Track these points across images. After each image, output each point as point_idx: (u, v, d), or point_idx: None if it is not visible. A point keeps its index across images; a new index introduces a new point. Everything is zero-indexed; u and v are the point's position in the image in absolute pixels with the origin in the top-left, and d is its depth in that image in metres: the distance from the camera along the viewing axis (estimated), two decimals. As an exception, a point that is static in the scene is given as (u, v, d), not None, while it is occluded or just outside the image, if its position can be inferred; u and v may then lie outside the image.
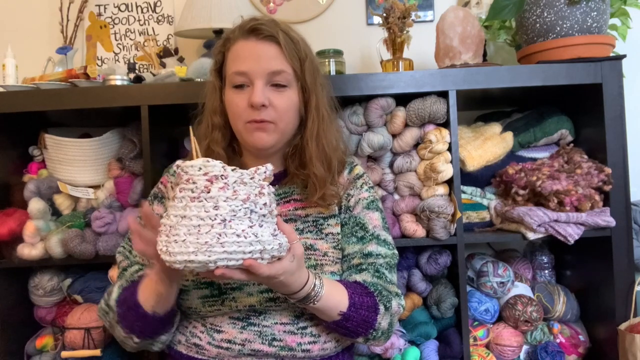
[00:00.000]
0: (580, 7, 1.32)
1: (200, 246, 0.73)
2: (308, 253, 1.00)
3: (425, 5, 1.78)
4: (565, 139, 1.47)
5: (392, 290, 1.01)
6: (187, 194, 0.75)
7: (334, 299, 0.92)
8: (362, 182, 1.09)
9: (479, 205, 1.44)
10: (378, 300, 0.96)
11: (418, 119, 1.36)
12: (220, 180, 0.75)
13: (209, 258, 0.73)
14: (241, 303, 0.96)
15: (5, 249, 1.40)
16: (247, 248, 0.75)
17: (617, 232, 1.31)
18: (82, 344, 1.38)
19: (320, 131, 1.03)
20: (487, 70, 1.33)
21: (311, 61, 1.02)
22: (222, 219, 0.74)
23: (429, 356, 1.34)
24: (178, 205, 0.76)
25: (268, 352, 0.95)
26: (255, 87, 0.96)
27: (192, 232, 0.74)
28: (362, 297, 0.95)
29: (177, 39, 1.78)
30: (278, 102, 0.98)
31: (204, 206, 0.74)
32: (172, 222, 0.75)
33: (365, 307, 0.94)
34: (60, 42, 1.76)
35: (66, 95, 1.33)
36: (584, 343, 1.43)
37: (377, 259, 1.02)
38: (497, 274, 1.42)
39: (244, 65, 0.97)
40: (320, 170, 1.01)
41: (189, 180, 0.76)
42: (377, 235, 1.04)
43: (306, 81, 1.01)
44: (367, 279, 0.99)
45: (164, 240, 0.76)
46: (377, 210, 1.08)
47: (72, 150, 1.44)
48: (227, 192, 0.75)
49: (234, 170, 0.77)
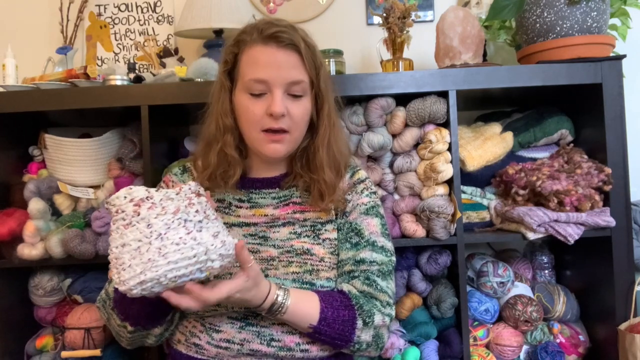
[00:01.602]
0: (580, 7, 1.32)
1: (145, 265, 0.75)
2: (305, 258, 0.99)
3: (425, 5, 1.78)
4: (565, 139, 1.47)
5: (382, 299, 0.99)
6: (120, 223, 0.78)
7: (302, 311, 0.93)
8: (362, 187, 1.08)
9: (479, 205, 1.44)
10: (358, 314, 0.95)
11: (418, 119, 1.36)
12: (146, 201, 0.78)
13: (157, 273, 0.75)
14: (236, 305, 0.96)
15: (5, 249, 1.39)
16: (189, 252, 0.77)
17: (617, 232, 1.31)
18: (82, 344, 1.38)
19: (331, 138, 1.03)
20: (487, 70, 1.33)
21: (325, 69, 1.03)
22: (157, 234, 0.76)
23: (429, 356, 1.34)
24: (116, 237, 0.79)
25: (267, 352, 0.95)
26: (275, 97, 0.95)
27: (135, 256, 0.76)
28: (337, 311, 0.94)
29: (177, 39, 1.78)
30: (295, 111, 0.98)
31: (137, 228, 0.77)
32: (116, 253, 0.78)
33: (339, 321, 0.94)
34: (60, 42, 1.76)
35: (66, 95, 1.33)
36: (584, 343, 1.43)
37: (371, 266, 1.00)
38: (497, 274, 1.42)
39: (264, 73, 0.95)
40: (330, 177, 1.01)
41: (117, 211, 0.79)
42: (372, 242, 1.02)
43: (320, 89, 1.01)
44: (355, 288, 0.98)
45: (115, 273, 0.78)
46: (377, 217, 1.06)
47: (72, 150, 1.44)
48: (156, 209, 0.78)
49: (158, 191, 0.80)
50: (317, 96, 1.02)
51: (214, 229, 0.82)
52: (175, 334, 1.02)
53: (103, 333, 1.40)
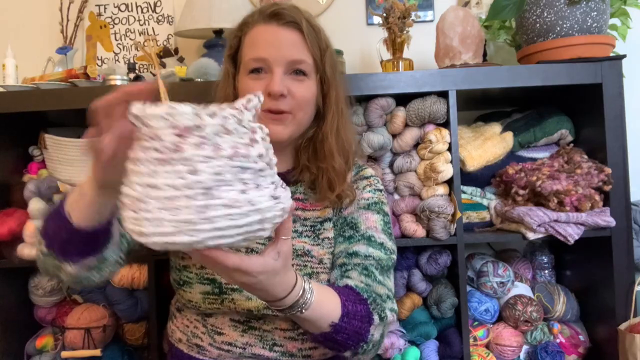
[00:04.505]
0: (580, 7, 1.32)
1: (179, 225, 0.54)
2: (304, 260, 0.96)
3: (425, 5, 1.78)
4: (565, 139, 1.47)
5: (381, 292, 0.90)
6: (152, 154, 0.55)
7: (326, 307, 0.79)
8: (365, 184, 1.03)
9: (479, 205, 1.44)
10: (372, 308, 0.85)
11: (418, 119, 1.36)
12: (194, 133, 0.54)
13: (193, 239, 0.55)
14: (239, 306, 0.93)
15: (5, 249, 1.40)
16: (240, 220, 0.56)
17: (617, 232, 1.31)
18: (82, 344, 1.38)
19: (340, 125, 0.98)
20: (487, 70, 1.33)
21: (331, 53, 0.97)
22: (203, 188, 0.54)
23: (429, 356, 1.34)
24: (142, 171, 0.56)
25: (269, 357, 0.93)
26: (275, 76, 0.90)
27: (166, 206, 0.54)
28: (355, 305, 0.83)
29: (177, 39, 1.78)
30: (297, 90, 0.92)
31: (176, 171, 0.54)
32: (139, 192, 0.55)
33: (358, 316, 0.82)
34: (60, 42, 1.76)
35: (66, 95, 1.33)
36: (584, 343, 1.43)
37: (366, 260, 0.92)
38: (497, 274, 1.42)
39: (263, 51, 0.91)
40: (340, 164, 0.96)
41: (151, 136, 0.55)
42: (368, 236, 0.95)
43: (326, 73, 0.96)
44: (356, 282, 0.89)
45: (132, 216, 0.57)
46: (378, 213, 1.00)
47: (72, 150, 1.44)
48: (206, 148, 0.54)
49: (213, 115, 0.55)
50: (322, 80, 0.97)
51: (271, 179, 0.60)
52: (176, 333, 1.02)
53: (103, 333, 1.40)
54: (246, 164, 0.57)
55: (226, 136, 0.56)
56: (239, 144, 0.57)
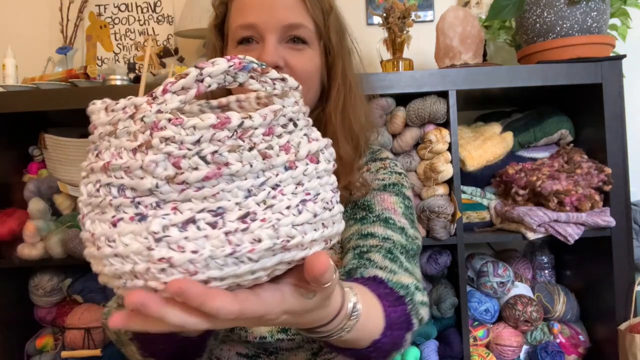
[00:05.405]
0: (580, 7, 1.32)
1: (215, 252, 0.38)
2: None
3: (425, 5, 1.78)
4: (565, 139, 1.47)
5: (408, 282, 0.69)
6: None
7: (370, 323, 0.58)
8: (379, 166, 0.87)
9: (479, 205, 1.44)
10: (409, 309, 0.66)
11: (418, 119, 1.36)
12: (244, 138, 0.41)
13: (226, 271, 0.39)
14: (252, 334, 0.76)
15: (5, 249, 1.40)
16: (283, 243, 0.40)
17: (617, 232, 1.31)
18: (82, 344, 1.38)
19: (347, 103, 0.82)
20: (487, 70, 1.33)
21: (336, 16, 0.83)
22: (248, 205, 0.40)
23: (429, 356, 1.34)
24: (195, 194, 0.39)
25: None
26: (267, 44, 0.75)
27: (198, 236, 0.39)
28: (395, 310, 0.63)
29: (177, 39, 1.78)
30: (296, 62, 0.77)
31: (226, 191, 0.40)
32: (185, 216, 0.39)
33: (398, 324, 0.63)
34: (60, 42, 1.76)
35: (66, 95, 1.33)
36: (584, 343, 1.43)
37: (385, 242, 0.75)
38: (497, 274, 1.42)
39: (252, 16, 0.76)
40: (346, 150, 0.79)
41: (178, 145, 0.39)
42: (385, 218, 0.78)
43: (330, 40, 0.81)
44: (381, 270, 0.69)
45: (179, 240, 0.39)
46: (397, 195, 0.82)
47: (72, 150, 1.44)
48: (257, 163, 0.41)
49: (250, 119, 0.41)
50: (326, 49, 0.81)
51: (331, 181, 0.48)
52: None
53: (103, 333, 1.40)
54: (304, 174, 0.45)
55: (286, 134, 0.45)
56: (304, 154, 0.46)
